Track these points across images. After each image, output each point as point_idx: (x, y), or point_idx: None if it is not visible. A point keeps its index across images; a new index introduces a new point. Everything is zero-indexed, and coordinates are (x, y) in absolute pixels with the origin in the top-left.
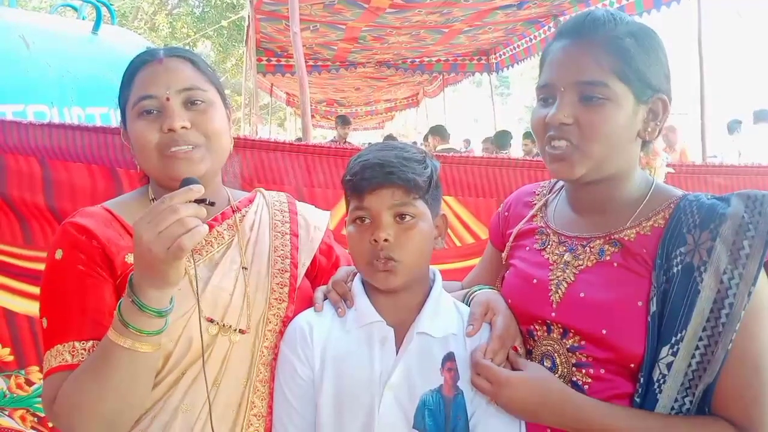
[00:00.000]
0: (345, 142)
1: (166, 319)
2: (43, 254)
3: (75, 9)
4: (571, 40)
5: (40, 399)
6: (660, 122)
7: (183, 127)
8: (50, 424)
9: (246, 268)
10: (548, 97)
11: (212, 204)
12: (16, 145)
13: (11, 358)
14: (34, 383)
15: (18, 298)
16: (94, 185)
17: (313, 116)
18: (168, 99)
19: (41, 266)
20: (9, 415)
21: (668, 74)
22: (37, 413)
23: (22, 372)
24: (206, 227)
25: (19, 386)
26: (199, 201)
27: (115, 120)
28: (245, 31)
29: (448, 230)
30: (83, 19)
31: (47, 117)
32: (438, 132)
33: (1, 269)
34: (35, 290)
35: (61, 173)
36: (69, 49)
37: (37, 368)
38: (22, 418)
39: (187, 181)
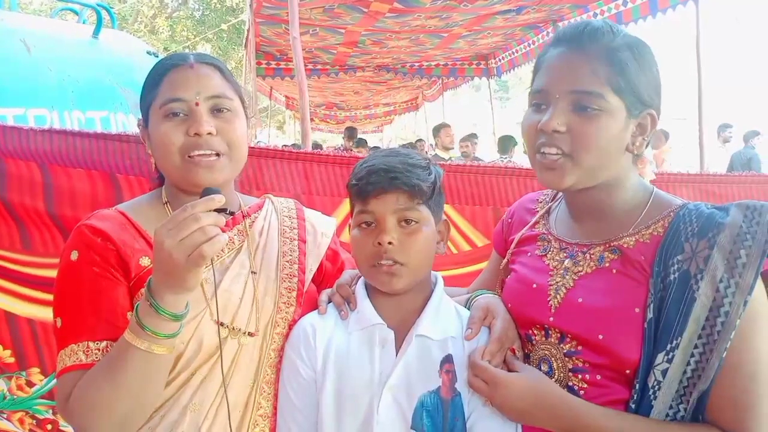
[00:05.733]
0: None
1: (181, 323)
2: (41, 260)
3: (76, 13)
4: (568, 48)
5: (40, 401)
6: (647, 137)
7: (209, 133)
8: (49, 427)
9: (255, 273)
10: (542, 103)
11: (232, 214)
12: (17, 150)
13: (12, 359)
14: (35, 384)
15: (19, 301)
16: (94, 191)
17: (312, 119)
18: (197, 104)
19: (40, 271)
20: (7, 418)
21: (659, 89)
22: (36, 415)
23: (23, 374)
24: (226, 236)
25: (19, 387)
26: (219, 210)
27: (115, 123)
28: (245, 34)
29: None
30: (84, 23)
31: (47, 120)
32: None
33: (2, 273)
34: (35, 294)
35: (61, 178)
36: (69, 53)
37: (38, 370)
38: (21, 421)
39: (208, 191)
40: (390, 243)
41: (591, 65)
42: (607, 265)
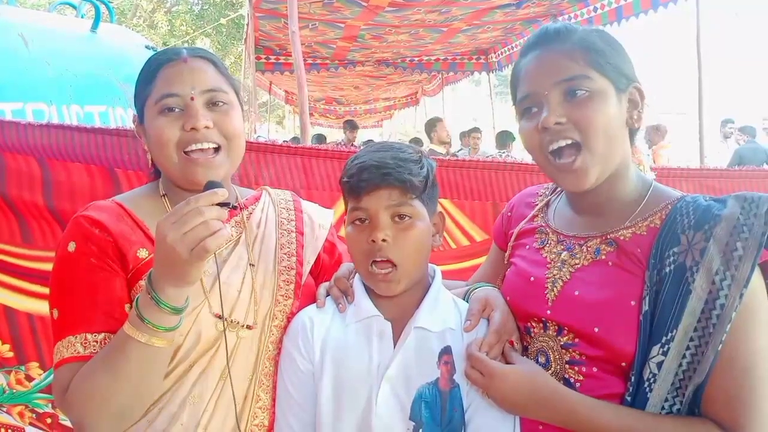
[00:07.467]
0: (352, 145)
1: (181, 316)
2: (41, 253)
3: (74, 7)
4: (540, 49)
5: (39, 395)
6: (641, 109)
7: (206, 127)
8: (49, 420)
9: (253, 265)
10: (532, 106)
11: (234, 208)
12: (15, 145)
13: (11, 354)
14: (34, 378)
15: (18, 296)
16: (93, 185)
17: (311, 114)
18: (192, 98)
19: (39, 265)
20: (7, 412)
21: (633, 67)
22: (36, 409)
23: (22, 368)
24: (230, 230)
25: (18, 382)
26: (222, 204)
27: (113, 118)
28: (244, 29)
29: (444, 233)
30: (82, 17)
31: (46, 115)
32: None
33: (1, 267)
34: (34, 288)
35: (59, 173)
36: (68, 48)
37: (37, 364)
38: (21, 414)
39: (210, 185)
40: (384, 240)
41: (568, 54)
42: (603, 257)
